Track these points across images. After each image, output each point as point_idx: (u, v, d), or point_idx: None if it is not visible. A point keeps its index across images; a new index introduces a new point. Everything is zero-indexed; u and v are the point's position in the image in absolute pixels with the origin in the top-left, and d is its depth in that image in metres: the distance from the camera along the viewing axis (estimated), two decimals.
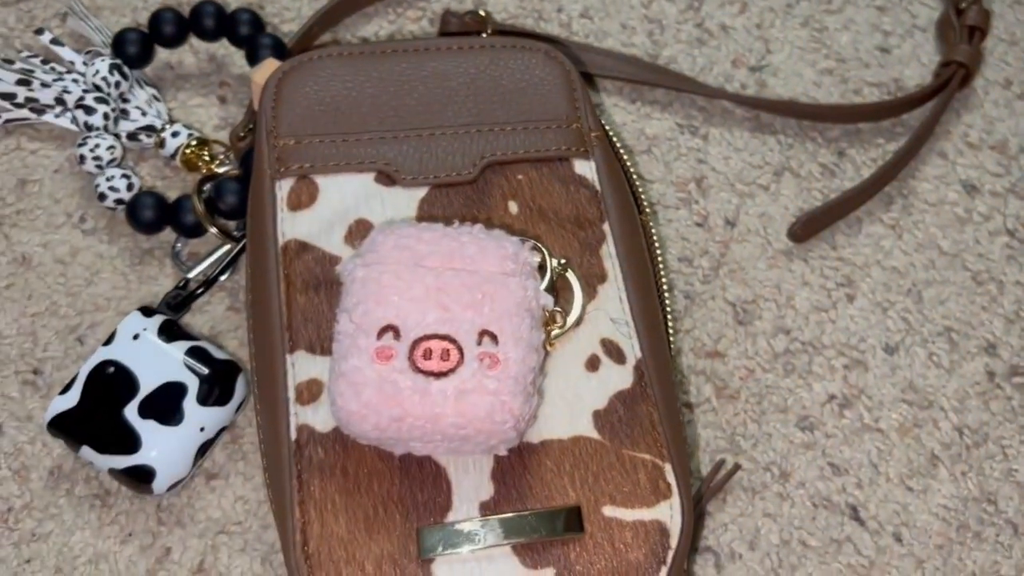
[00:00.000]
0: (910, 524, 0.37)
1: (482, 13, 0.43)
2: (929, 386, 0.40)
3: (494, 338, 0.29)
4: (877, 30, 0.47)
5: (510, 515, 0.30)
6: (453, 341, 0.29)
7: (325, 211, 0.34)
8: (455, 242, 0.30)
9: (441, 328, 0.29)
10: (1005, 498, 0.38)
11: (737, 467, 0.37)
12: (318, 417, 0.31)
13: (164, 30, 0.41)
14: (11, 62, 0.41)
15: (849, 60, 0.47)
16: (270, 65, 0.38)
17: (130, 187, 0.39)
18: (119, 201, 0.39)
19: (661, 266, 0.37)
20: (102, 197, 0.39)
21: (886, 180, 0.43)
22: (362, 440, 0.29)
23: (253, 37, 0.40)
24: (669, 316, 0.37)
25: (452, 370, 0.29)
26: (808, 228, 0.42)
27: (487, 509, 0.30)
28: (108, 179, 0.39)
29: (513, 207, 0.35)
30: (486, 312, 0.29)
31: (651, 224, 0.39)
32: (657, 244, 0.38)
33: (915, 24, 0.48)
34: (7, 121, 0.40)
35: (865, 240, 0.42)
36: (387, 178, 0.35)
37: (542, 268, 0.33)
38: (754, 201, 0.43)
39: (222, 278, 0.38)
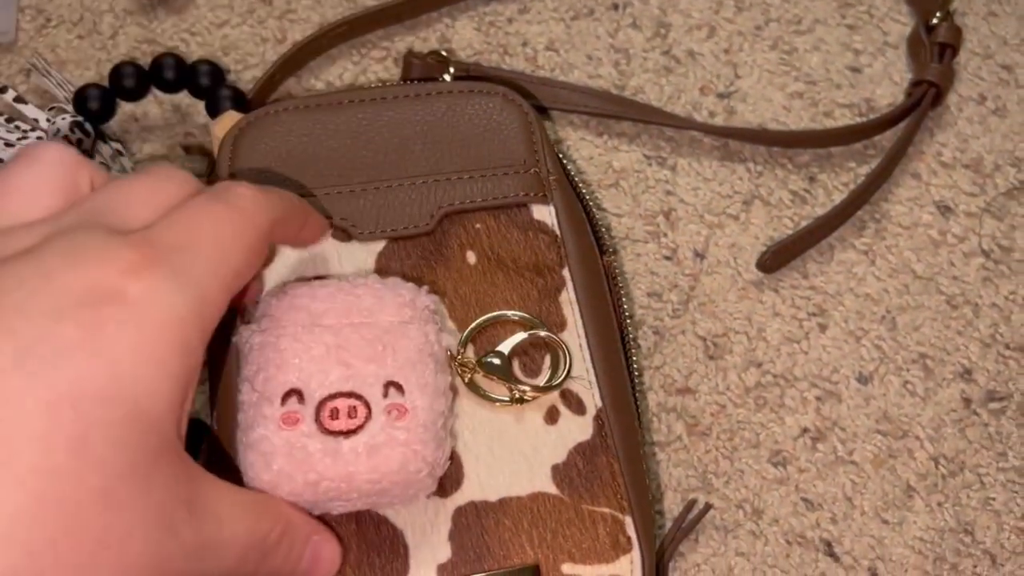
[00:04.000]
0: (886, 558, 0.37)
1: (443, 53, 0.43)
2: (904, 415, 0.39)
3: (400, 388, 0.29)
4: (848, 49, 0.47)
5: None
6: (359, 397, 0.29)
7: (282, 270, 0.34)
8: (350, 295, 0.30)
9: (345, 385, 0.29)
10: (983, 528, 0.38)
11: (708, 507, 0.37)
12: None
13: (125, 84, 0.41)
14: None
15: (819, 82, 0.46)
16: (230, 118, 0.38)
17: None
18: None
19: (625, 307, 0.37)
20: None
21: (858, 205, 0.43)
22: None
23: (213, 88, 0.41)
24: (635, 357, 0.37)
25: (361, 427, 0.28)
26: (778, 258, 0.41)
27: (444, 571, 0.30)
28: None
29: (471, 257, 0.35)
30: (389, 363, 0.29)
31: (615, 265, 0.38)
32: (621, 285, 0.38)
33: (886, 41, 0.47)
34: None
35: (837, 267, 0.42)
36: (344, 233, 0.35)
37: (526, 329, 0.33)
38: (724, 232, 0.43)
39: None
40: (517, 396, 0.32)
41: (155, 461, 0.23)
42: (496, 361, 0.32)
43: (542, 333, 0.33)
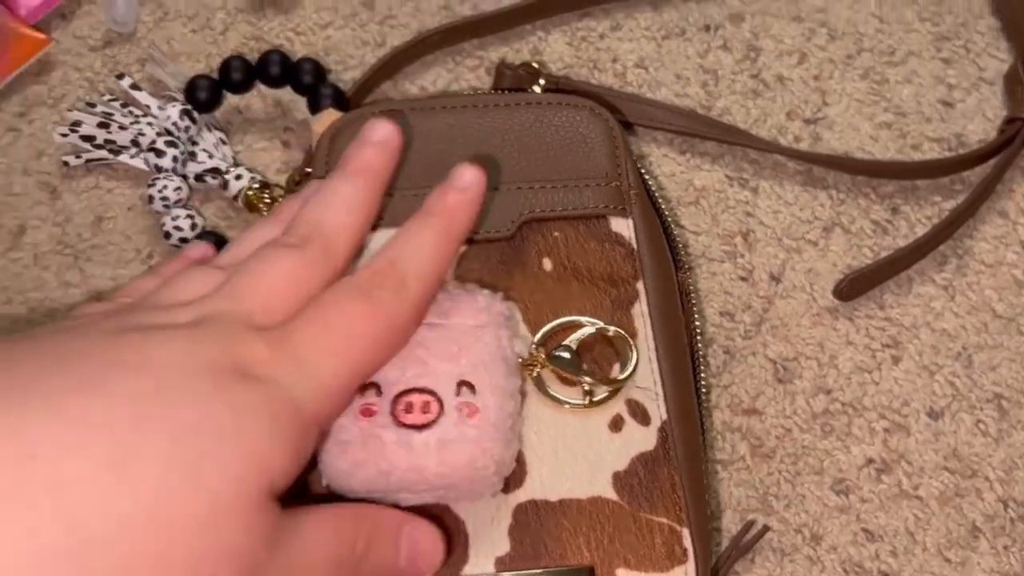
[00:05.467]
0: None
1: (535, 65, 0.44)
2: (974, 455, 0.39)
3: (472, 388, 0.30)
4: (941, 83, 0.47)
5: (524, 572, 0.30)
6: (432, 393, 0.30)
7: None
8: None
9: (420, 381, 0.30)
10: None
11: (766, 528, 0.37)
12: None
13: (233, 77, 0.43)
14: (93, 105, 0.44)
15: (909, 114, 0.46)
16: (329, 116, 0.40)
17: (193, 227, 0.41)
18: (183, 240, 0.41)
19: (697, 325, 0.38)
20: (167, 236, 0.41)
21: (941, 239, 0.43)
22: (351, 496, 0.31)
23: (315, 86, 0.42)
24: (703, 374, 0.38)
25: (433, 421, 0.30)
26: (855, 286, 0.41)
27: (502, 564, 0.31)
28: (173, 219, 0.41)
29: (547, 264, 0.36)
30: (463, 363, 0.31)
31: (690, 282, 0.39)
32: (694, 303, 0.38)
33: (982, 77, 0.47)
34: (88, 161, 0.43)
35: (915, 300, 0.42)
36: None
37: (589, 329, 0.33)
38: (801, 257, 0.43)
39: None
40: (587, 390, 0.33)
41: (264, 502, 0.26)
42: (565, 355, 0.33)
43: (611, 331, 0.34)
